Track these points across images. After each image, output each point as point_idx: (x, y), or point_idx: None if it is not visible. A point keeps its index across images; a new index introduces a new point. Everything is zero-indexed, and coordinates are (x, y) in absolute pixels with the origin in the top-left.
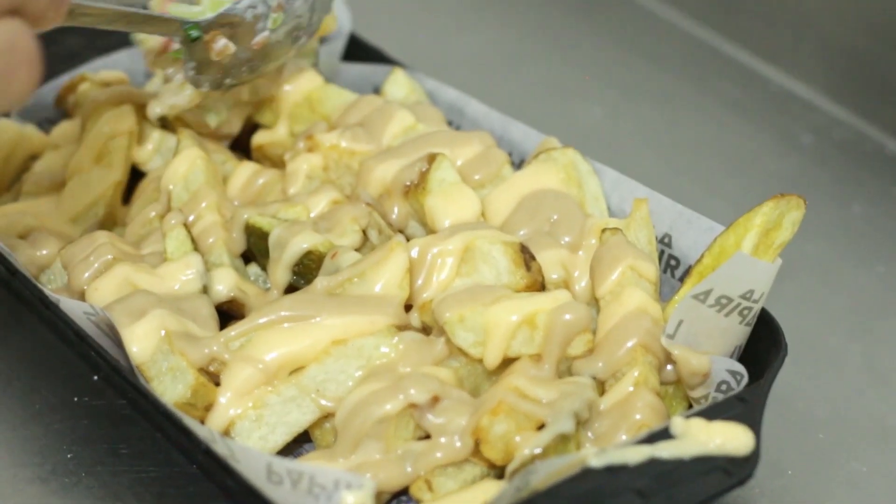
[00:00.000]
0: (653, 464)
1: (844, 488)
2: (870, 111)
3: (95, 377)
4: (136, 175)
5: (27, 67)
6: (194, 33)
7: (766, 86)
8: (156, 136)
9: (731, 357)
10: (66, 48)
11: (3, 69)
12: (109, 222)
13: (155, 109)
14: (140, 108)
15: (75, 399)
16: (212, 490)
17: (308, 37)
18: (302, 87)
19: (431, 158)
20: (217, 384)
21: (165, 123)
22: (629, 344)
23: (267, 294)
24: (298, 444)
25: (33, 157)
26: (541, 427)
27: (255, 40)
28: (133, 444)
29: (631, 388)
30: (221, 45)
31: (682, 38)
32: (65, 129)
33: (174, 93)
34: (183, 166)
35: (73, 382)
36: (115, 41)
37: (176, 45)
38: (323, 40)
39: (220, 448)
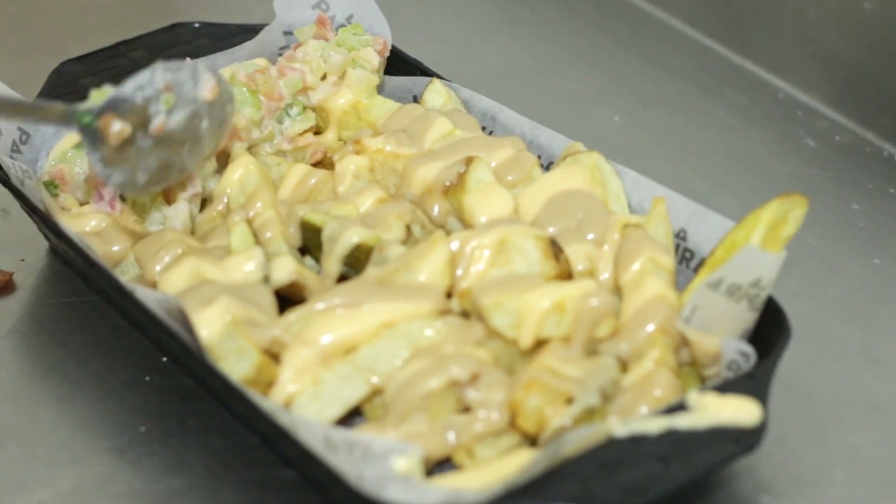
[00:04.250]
0: (671, 434)
1: (843, 458)
2: (868, 118)
3: (164, 359)
4: None
5: None
6: (86, 119)
7: (772, 94)
8: None
9: (741, 339)
10: (130, 60)
11: None
12: None
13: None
14: None
15: (146, 378)
16: (272, 458)
17: (211, 123)
18: (349, 97)
19: (469, 161)
20: (278, 364)
21: None
22: (649, 328)
23: (322, 279)
24: (350, 418)
25: None
26: (570, 401)
27: (152, 126)
28: (200, 418)
29: (651, 367)
30: (117, 128)
31: (696, 51)
32: None
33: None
34: (238, 172)
35: (144, 364)
36: (178, 54)
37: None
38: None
39: (283, 419)
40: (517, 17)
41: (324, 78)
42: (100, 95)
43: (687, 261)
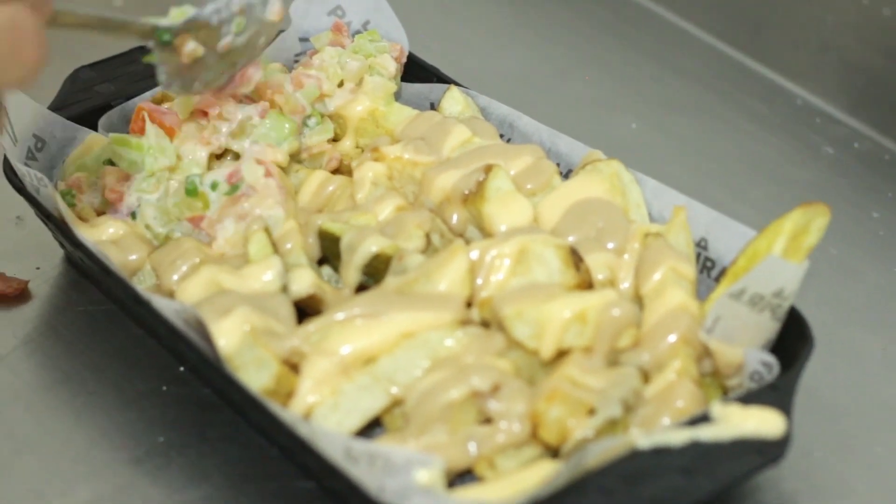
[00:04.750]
0: (694, 445)
1: (866, 469)
2: (886, 124)
3: (182, 368)
4: None
5: (32, 45)
6: (166, 37)
7: (790, 101)
8: None
9: (764, 349)
10: (144, 66)
11: (9, 47)
12: None
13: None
14: None
15: (164, 388)
16: (292, 470)
17: (266, 40)
18: (367, 104)
19: (488, 169)
20: (297, 375)
21: None
22: (671, 338)
23: (340, 292)
24: (370, 429)
25: None
26: (592, 412)
27: (221, 44)
28: (218, 428)
29: (673, 378)
30: (191, 47)
31: (713, 57)
32: None
33: None
34: None
35: (161, 373)
36: None
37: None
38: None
39: (302, 430)
40: (533, 22)
41: (341, 85)
42: (180, 14)
43: (708, 270)
